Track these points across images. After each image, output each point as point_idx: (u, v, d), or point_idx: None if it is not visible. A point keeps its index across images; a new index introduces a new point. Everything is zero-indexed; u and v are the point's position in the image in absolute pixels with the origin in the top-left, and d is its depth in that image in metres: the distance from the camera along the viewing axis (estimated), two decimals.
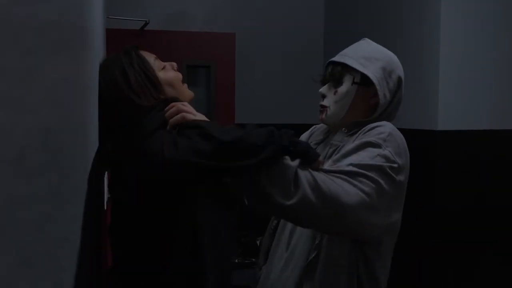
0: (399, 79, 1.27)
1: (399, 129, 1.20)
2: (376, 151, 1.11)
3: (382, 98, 1.23)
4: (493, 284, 2.39)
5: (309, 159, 1.03)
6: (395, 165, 1.11)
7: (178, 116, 1.02)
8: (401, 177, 1.13)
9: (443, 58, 2.26)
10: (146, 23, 2.90)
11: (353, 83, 1.24)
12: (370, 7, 2.91)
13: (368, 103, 1.26)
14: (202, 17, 3.32)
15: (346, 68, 1.26)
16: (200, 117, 1.04)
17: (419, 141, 2.38)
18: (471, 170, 2.33)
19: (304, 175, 1.01)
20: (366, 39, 1.34)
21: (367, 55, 1.26)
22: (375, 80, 1.22)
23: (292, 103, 3.46)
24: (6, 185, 0.39)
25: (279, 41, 3.46)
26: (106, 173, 1.37)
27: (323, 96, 1.30)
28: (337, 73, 1.26)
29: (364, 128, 1.20)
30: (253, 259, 2.45)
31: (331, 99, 1.27)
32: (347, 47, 1.33)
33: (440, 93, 2.26)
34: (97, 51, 1.16)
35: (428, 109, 2.33)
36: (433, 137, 2.29)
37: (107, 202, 1.39)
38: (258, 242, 2.71)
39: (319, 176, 1.02)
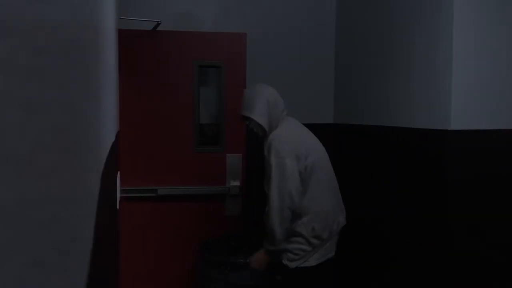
0: (266, 100, 2.39)
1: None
2: None
3: (262, 123, 2.39)
4: None
5: None
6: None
7: None
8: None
9: (456, 56, 2.23)
10: (158, 24, 2.91)
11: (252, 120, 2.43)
12: (382, 6, 2.88)
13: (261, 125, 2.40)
14: (213, 17, 3.33)
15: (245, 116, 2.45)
16: None
17: (431, 141, 2.36)
18: (485, 171, 2.30)
19: None
20: (245, 90, 2.51)
21: (251, 103, 2.39)
22: (255, 117, 2.38)
23: (303, 103, 3.45)
24: (17, 185, 0.39)
25: (290, 41, 3.45)
26: (118, 172, 1.37)
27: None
28: (245, 119, 2.48)
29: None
30: None
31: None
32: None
33: (453, 91, 2.23)
34: (109, 51, 1.17)
35: (440, 108, 2.30)
36: (445, 137, 2.27)
37: (119, 201, 1.40)
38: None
39: None
